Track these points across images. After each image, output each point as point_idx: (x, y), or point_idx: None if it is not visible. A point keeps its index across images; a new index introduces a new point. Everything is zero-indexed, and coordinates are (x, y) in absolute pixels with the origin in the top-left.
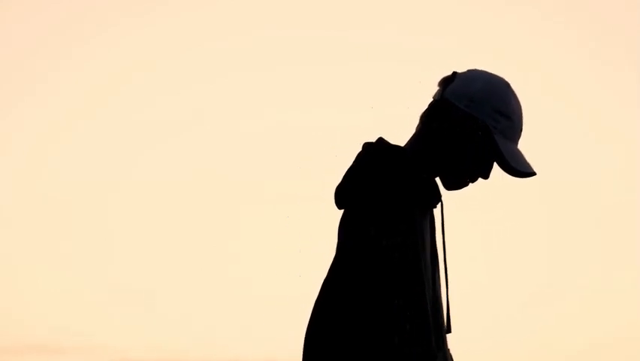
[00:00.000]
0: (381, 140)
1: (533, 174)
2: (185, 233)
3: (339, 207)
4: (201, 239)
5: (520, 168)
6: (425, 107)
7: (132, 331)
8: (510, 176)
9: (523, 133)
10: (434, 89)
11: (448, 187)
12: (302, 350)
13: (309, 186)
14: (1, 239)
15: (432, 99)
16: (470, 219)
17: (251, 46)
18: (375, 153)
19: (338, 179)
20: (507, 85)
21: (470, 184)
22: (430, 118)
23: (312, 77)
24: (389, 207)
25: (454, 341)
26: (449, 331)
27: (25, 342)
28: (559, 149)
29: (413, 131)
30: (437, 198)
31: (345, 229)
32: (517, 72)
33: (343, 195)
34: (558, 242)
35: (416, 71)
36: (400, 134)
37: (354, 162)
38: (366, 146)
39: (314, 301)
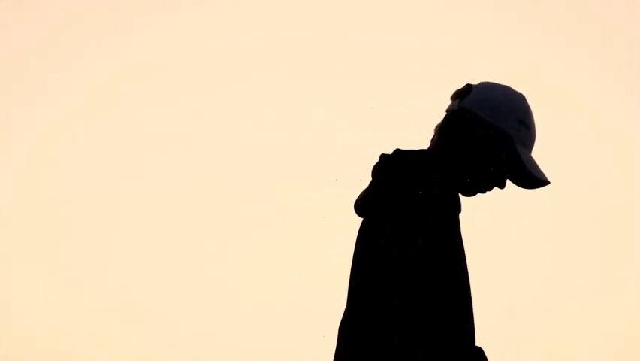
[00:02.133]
0: (398, 151)
1: (548, 182)
2: (185, 233)
3: (360, 216)
4: (201, 239)
5: (539, 177)
6: (424, 109)
7: (132, 331)
8: (520, 188)
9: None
10: (430, 90)
11: (468, 194)
12: None
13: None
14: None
15: (445, 112)
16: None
17: (251, 45)
18: (394, 165)
19: (338, 179)
20: (524, 97)
21: (487, 193)
22: (449, 128)
23: (312, 77)
24: (409, 218)
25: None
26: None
27: (25, 343)
28: (558, 149)
29: (409, 129)
30: (459, 207)
31: (365, 239)
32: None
33: (365, 205)
34: (558, 243)
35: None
36: (400, 134)
37: (373, 173)
38: (383, 157)
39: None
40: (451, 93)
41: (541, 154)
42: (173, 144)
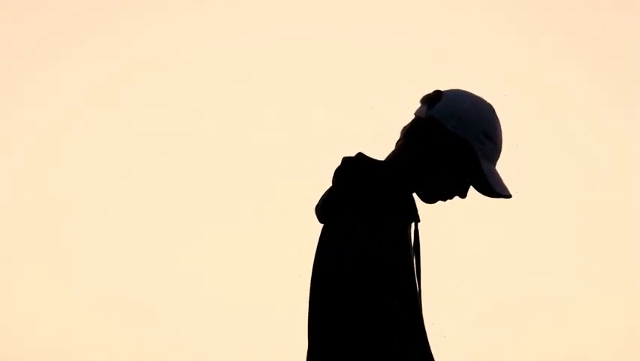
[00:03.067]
0: (360, 155)
1: (509, 196)
2: (185, 233)
3: (321, 222)
4: (201, 239)
5: (498, 190)
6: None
7: (132, 332)
8: (483, 196)
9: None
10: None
11: (428, 201)
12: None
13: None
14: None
15: (414, 115)
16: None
17: (252, 45)
18: (355, 168)
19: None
20: (493, 109)
21: (447, 200)
22: (414, 135)
23: (312, 77)
24: (371, 222)
25: (452, 345)
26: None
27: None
28: (557, 150)
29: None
30: (416, 215)
31: (326, 244)
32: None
33: (325, 210)
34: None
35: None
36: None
37: (334, 177)
38: (345, 161)
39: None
40: (421, 97)
41: (541, 153)
42: (173, 144)
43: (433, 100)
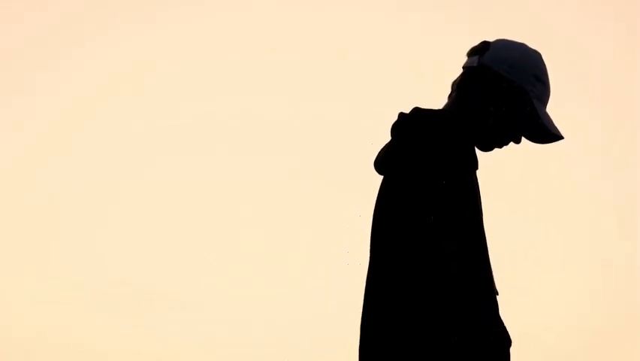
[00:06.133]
0: (417, 108)
1: (562, 137)
2: (185, 233)
3: (381, 173)
4: (202, 239)
5: (553, 131)
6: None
7: (131, 332)
8: (533, 143)
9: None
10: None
11: (485, 149)
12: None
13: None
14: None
15: (462, 69)
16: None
17: (254, 44)
18: (413, 121)
19: (338, 179)
20: (540, 54)
21: (502, 147)
22: (469, 83)
23: (312, 78)
24: (431, 169)
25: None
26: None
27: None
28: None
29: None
30: (475, 161)
31: (387, 196)
32: None
33: (385, 161)
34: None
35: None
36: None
37: (392, 131)
38: (402, 115)
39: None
40: (467, 50)
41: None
42: (174, 144)
43: (482, 50)
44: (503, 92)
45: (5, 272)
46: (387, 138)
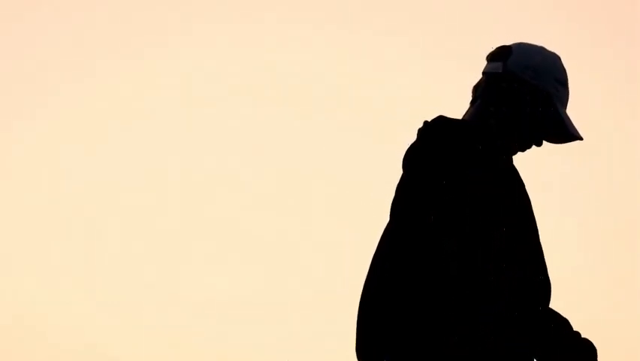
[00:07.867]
0: (441, 117)
1: (581, 138)
2: (185, 233)
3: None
4: (202, 239)
5: (572, 132)
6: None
7: (131, 332)
8: (552, 144)
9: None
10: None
11: (511, 153)
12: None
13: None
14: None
15: (483, 74)
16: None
17: (256, 42)
18: (437, 128)
19: (337, 180)
20: (558, 56)
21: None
22: (495, 90)
23: (312, 80)
24: (436, 173)
25: None
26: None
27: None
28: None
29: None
30: (491, 166)
31: (395, 195)
32: None
33: (406, 160)
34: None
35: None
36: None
37: (417, 135)
38: (427, 122)
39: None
40: (487, 54)
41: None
42: (174, 144)
43: (504, 55)
44: (529, 97)
45: (5, 272)
46: (389, 141)
